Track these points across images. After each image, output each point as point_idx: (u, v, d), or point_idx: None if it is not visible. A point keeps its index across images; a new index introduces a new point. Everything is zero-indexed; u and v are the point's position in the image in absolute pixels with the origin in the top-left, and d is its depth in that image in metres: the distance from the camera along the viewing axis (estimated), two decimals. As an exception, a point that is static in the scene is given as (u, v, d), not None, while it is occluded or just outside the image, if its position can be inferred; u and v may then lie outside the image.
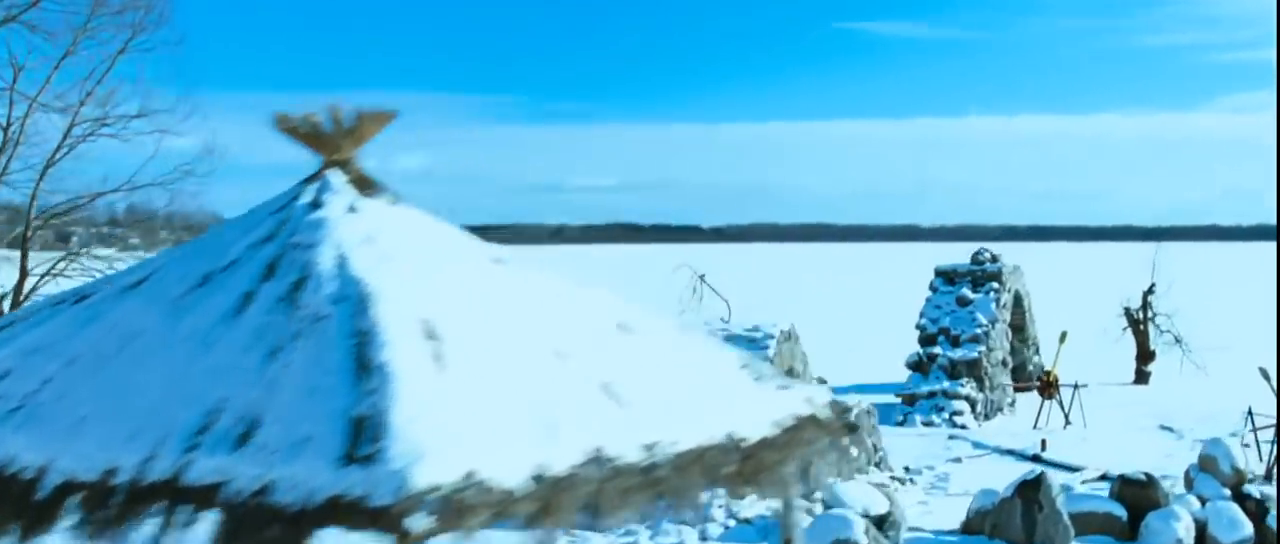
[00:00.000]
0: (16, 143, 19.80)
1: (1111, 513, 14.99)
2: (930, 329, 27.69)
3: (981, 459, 21.97)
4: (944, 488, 19.21)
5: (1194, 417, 25.74)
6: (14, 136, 19.80)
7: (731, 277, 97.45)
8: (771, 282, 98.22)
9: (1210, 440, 15.94)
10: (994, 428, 25.41)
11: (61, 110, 20.17)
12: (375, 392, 4.87)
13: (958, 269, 28.76)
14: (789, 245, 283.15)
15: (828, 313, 55.80)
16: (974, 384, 26.13)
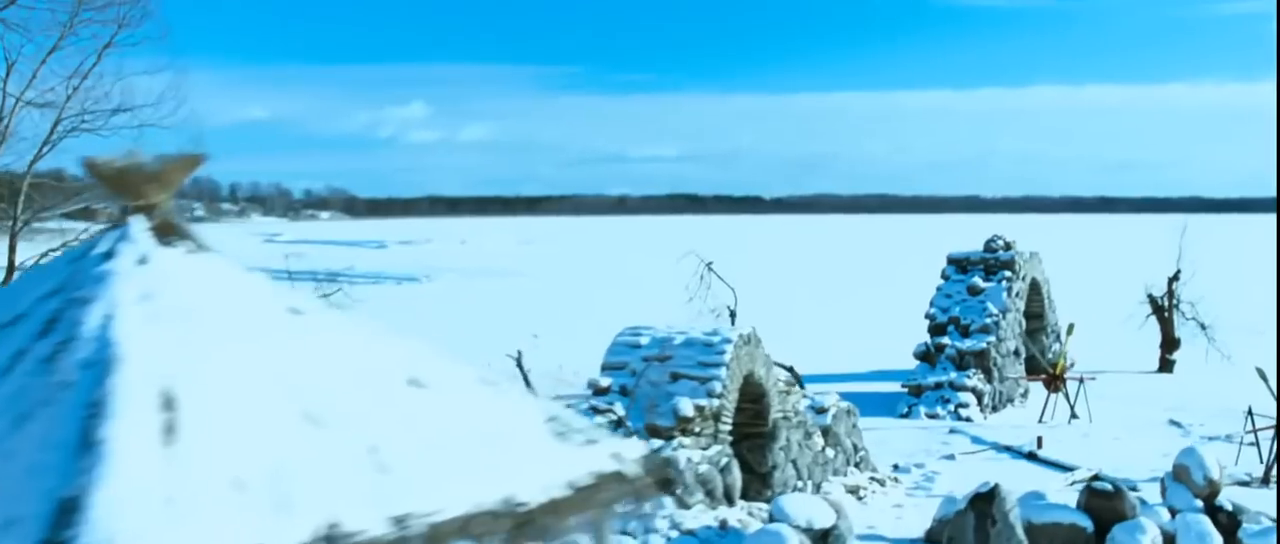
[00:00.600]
0: (3, 140, 19.94)
1: (1078, 524, 14.62)
2: (940, 318, 27.26)
3: (977, 455, 21.58)
4: (928, 489, 18.85)
5: (1208, 410, 25.16)
6: (1, 133, 19.94)
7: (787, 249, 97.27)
8: (820, 255, 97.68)
9: (1184, 451, 15.48)
10: (999, 421, 25.02)
11: (47, 106, 20.27)
12: (88, 470, 4.75)
13: (970, 257, 28.28)
14: (850, 217, 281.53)
15: (869, 291, 55.37)
16: (981, 376, 25.68)
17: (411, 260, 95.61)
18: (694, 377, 14.75)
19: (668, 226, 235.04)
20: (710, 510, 14.10)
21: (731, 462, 14.67)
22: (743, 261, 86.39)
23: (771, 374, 15.68)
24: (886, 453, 22.01)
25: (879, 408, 25.93)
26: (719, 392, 14.61)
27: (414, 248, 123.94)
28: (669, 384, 14.80)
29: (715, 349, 14.83)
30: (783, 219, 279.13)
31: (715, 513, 13.98)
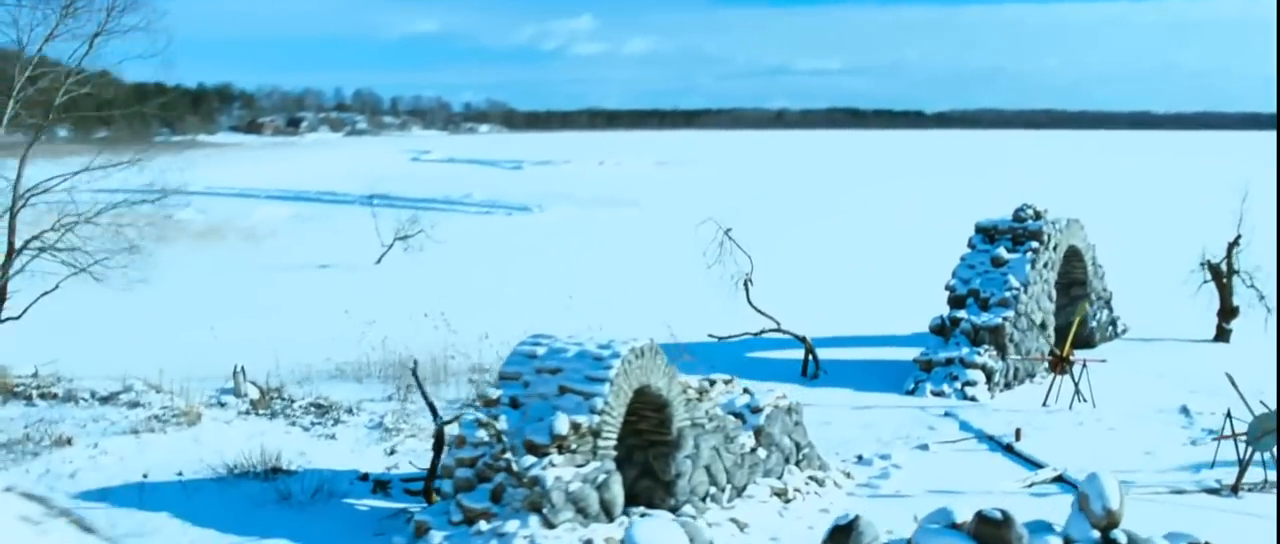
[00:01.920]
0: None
1: (961, 552, 14.31)
2: (960, 290, 26.62)
3: (954, 445, 21.18)
4: (876, 488, 18.66)
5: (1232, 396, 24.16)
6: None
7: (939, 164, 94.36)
8: (973, 170, 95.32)
9: (1088, 477, 14.95)
10: (1008, 400, 24.45)
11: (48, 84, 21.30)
12: None
13: (998, 225, 27.45)
14: (1013, 133, 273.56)
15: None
16: (994, 353, 25.05)
17: (538, 185, 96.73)
18: (579, 391, 14.85)
19: (823, 141, 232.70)
20: (582, 528, 14.27)
21: (611, 478, 14.77)
22: (894, 176, 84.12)
23: (674, 384, 15.66)
24: (867, 438, 21.82)
25: (901, 381, 25.63)
26: (601, 408, 14.68)
27: (549, 169, 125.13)
28: (557, 397, 14.94)
29: (603, 364, 14.89)
30: (944, 134, 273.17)
31: (582, 533, 14.14)
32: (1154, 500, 18.10)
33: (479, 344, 26.29)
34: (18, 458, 17.60)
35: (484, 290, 38.38)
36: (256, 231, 57.79)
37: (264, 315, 34.21)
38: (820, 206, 75.46)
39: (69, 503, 15.99)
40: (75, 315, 25.61)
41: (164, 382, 24.02)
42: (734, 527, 15.89)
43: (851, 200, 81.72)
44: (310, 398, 22.71)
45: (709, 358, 28.12)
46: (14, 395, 21.06)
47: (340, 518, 15.32)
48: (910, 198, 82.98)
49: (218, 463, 17.19)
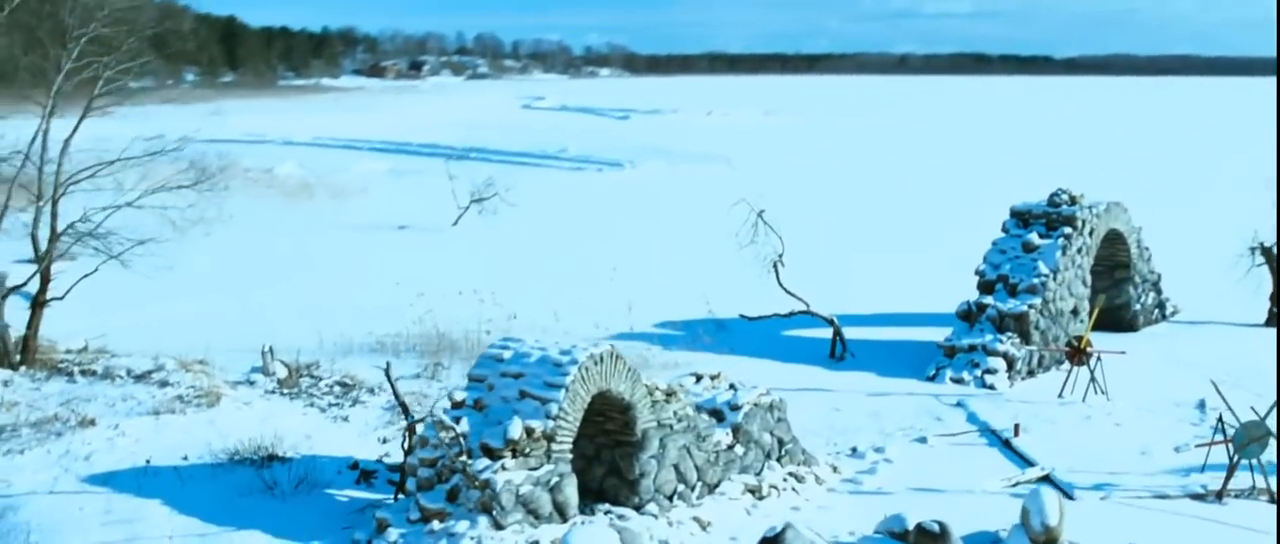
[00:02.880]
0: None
1: (897, 563, 14.72)
2: (990, 275, 26.57)
3: (954, 439, 21.37)
4: (858, 484, 19.00)
5: (1261, 388, 23.88)
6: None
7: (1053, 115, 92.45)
8: (1100, 118, 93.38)
9: (1030, 493, 15.21)
10: (1026, 389, 24.44)
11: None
12: None
13: (1032, 210, 27.27)
14: (1143, 79, 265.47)
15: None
16: (1017, 340, 25.03)
17: (639, 137, 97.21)
18: (537, 397, 15.48)
19: (942, 87, 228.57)
20: (531, 528, 14.95)
21: (564, 480, 15.39)
22: (999, 127, 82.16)
23: (638, 387, 16.18)
24: (871, 428, 22.08)
25: (927, 365, 25.75)
26: (555, 413, 15.29)
27: (655, 120, 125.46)
28: (517, 402, 15.59)
29: (562, 370, 15.47)
30: (1068, 81, 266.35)
31: (530, 534, 14.81)
32: (1134, 505, 18.15)
33: (508, 322, 27.11)
34: (43, 438, 18.86)
35: (540, 258, 39.17)
36: (348, 188, 59.34)
37: (323, 281, 35.46)
38: (903, 164, 74.61)
39: (81, 486, 17.25)
40: (133, 284, 26.90)
41: (208, 354, 25.34)
42: (696, 525, 16.40)
43: (936, 157, 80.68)
44: (337, 376, 23.70)
45: (744, 336, 28.61)
46: (57, 371, 22.40)
47: (317, 509, 16.21)
48: (1000, 153, 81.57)
49: (222, 448, 18.20)
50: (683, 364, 26.03)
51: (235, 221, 45.87)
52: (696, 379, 19.29)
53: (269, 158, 72.71)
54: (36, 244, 22.62)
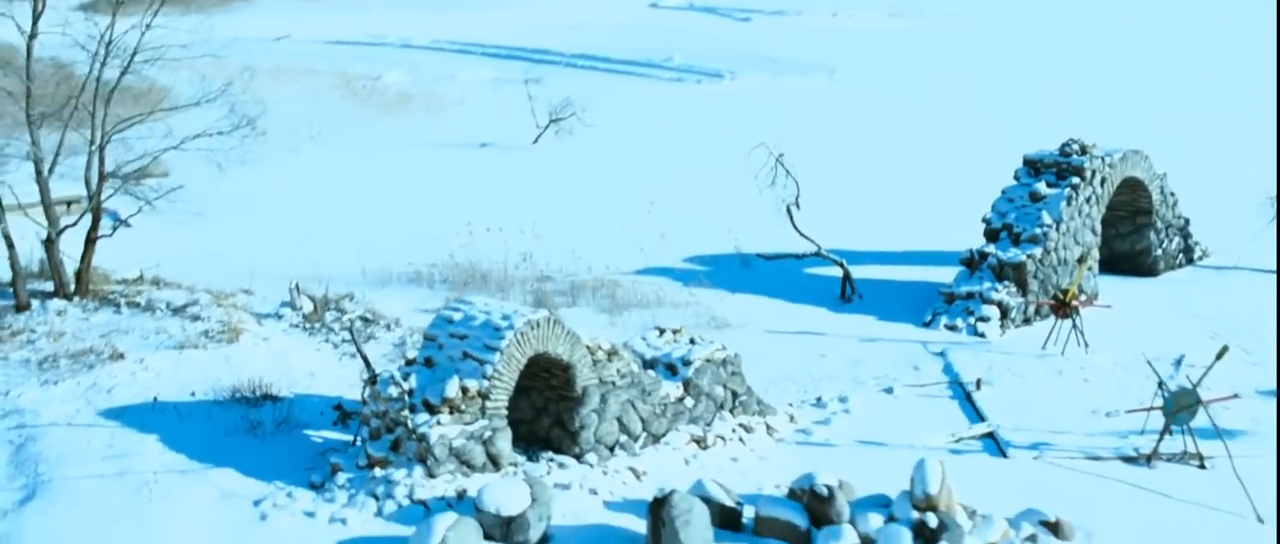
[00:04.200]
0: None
1: (794, 522, 16.04)
2: (995, 223, 27.17)
3: (919, 390, 22.34)
4: (810, 434, 20.21)
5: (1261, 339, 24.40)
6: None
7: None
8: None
9: (917, 463, 16.29)
10: (1015, 338, 25.15)
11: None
12: None
13: (1043, 159, 27.66)
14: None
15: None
16: (1013, 289, 25.73)
17: (752, 43, 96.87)
18: (476, 358, 17.07)
19: None
20: (463, 478, 16.64)
21: (498, 434, 17.00)
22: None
23: (578, 348, 17.63)
24: (846, 376, 23.13)
25: (925, 309, 26.61)
26: (490, 374, 16.87)
27: (777, 22, 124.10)
28: (460, 361, 17.22)
29: (499, 334, 17.00)
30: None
31: (461, 483, 16.51)
32: (1064, 465, 19.05)
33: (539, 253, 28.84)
34: (76, 370, 21.16)
35: (597, 184, 40.40)
36: (446, 100, 61.01)
37: (385, 205, 37.34)
38: (1004, 83, 73.35)
39: (95, 419, 19.48)
40: (200, 208, 29.04)
41: (253, 282, 27.51)
42: (632, 475, 17.90)
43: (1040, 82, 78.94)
44: (362, 310, 25.61)
45: (765, 275, 29.72)
46: (107, 302, 24.75)
47: (290, 450, 18.12)
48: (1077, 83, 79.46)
49: (227, 386, 20.22)
50: (694, 303, 27.37)
51: (322, 138, 48.25)
52: (660, 333, 20.64)
53: (381, 63, 74.71)
54: (88, 185, 24.83)
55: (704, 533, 15.43)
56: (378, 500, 16.21)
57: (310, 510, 16.21)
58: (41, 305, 24.28)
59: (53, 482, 17.28)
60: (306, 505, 16.33)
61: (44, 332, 23.07)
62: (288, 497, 16.54)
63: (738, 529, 16.41)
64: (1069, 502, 17.51)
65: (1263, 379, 22.65)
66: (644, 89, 68.12)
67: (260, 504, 16.44)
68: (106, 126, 24.27)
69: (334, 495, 16.42)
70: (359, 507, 16.16)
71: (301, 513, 16.16)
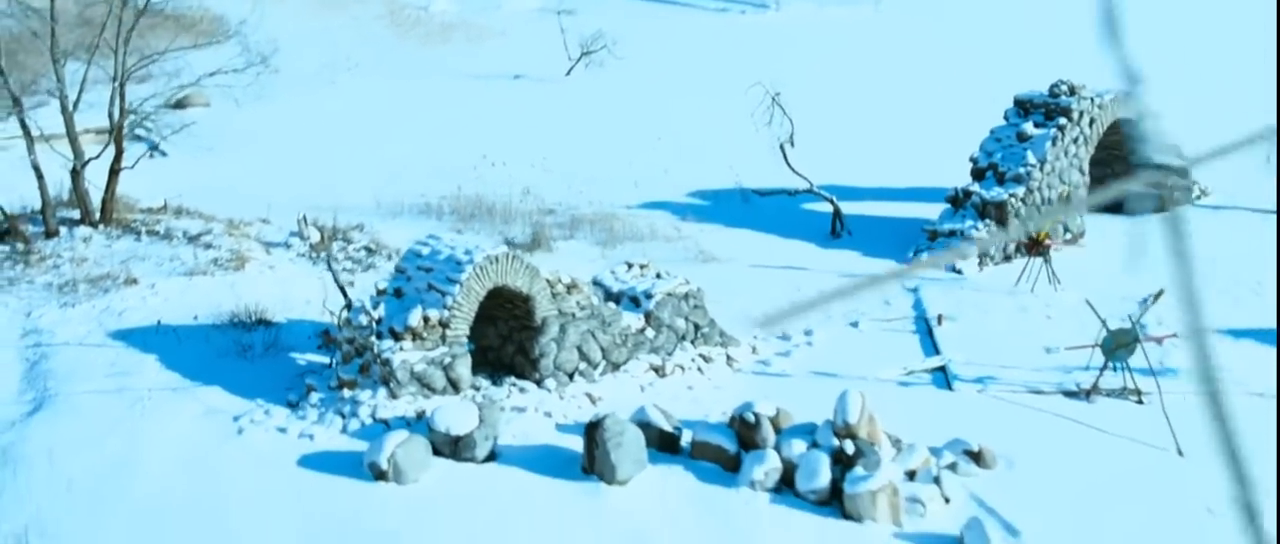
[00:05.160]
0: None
1: (724, 447, 17.26)
2: (982, 162, 27.90)
3: (887, 324, 23.33)
4: (768, 366, 21.35)
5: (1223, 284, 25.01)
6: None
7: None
8: None
9: (841, 393, 17.37)
10: (988, 278, 25.95)
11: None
12: None
13: (1033, 99, 28.26)
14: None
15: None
16: (993, 228, 26.54)
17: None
18: (439, 289, 18.39)
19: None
20: (424, 399, 18.03)
21: (458, 360, 18.35)
22: None
23: (537, 281, 18.87)
24: (818, 310, 24.15)
25: (907, 246, 27.52)
26: (450, 305, 18.19)
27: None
28: (425, 292, 18.55)
29: (460, 267, 18.29)
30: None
31: (421, 404, 17.90)
32: (1006, 398, 20.05)
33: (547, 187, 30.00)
34: (92, 295, 22.80)
35: (619, 118, 41.37)
36: (488, 31, 61.99)
37: (405, 137, 38.63)
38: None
39: (104, 340, 21.10)
40: (229, 137, 30.48)
41: (270, 212, 29.04)
42: (587, 400, 19.20)
43: None
44: (367, 240, 27.03)
45: (762, 211, 30.70)
46: (129, 230, 26.38)
47: (274, 372, 19.59)
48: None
49: (227, 311, 21.75)
50: (685, 237, 28.46)
51: (360, 69, 49.56)
52: (628, 267, 21.82)
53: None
54: (112, 119, 26.39)
55: (636, 454, 16.68)
56: (344, 418, 17.63)
57: (283, 426, 17.66)
58: (69, 232, 25.94)
59: (59, 396, 18.89)
60: (280, 422, 17.77)
61: (69, 257, 24.73)
62: (265, 413, 18.00)
63: (676, 452, 17.62)
64: (1002, 433, 18.52)
65: (1225, 318, 23.31)
66: (686, 20, 68.54)
67: (239, 420, 17.90)
68: (127, 64, 25.71)
69: (306, 413, 17.86)
70: (327, 424, 17.59)
71: (275, 429, 17.60)
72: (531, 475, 16.70)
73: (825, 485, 16.42)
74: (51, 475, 16.29)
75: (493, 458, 16.98)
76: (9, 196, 27.08)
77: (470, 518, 15.36)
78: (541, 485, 16.49)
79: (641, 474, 16.71)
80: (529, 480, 16.58)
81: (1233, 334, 22.45)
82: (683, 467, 17.16)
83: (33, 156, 25.60)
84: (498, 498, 15.99)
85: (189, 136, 28.13)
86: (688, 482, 16.83)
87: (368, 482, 16.03)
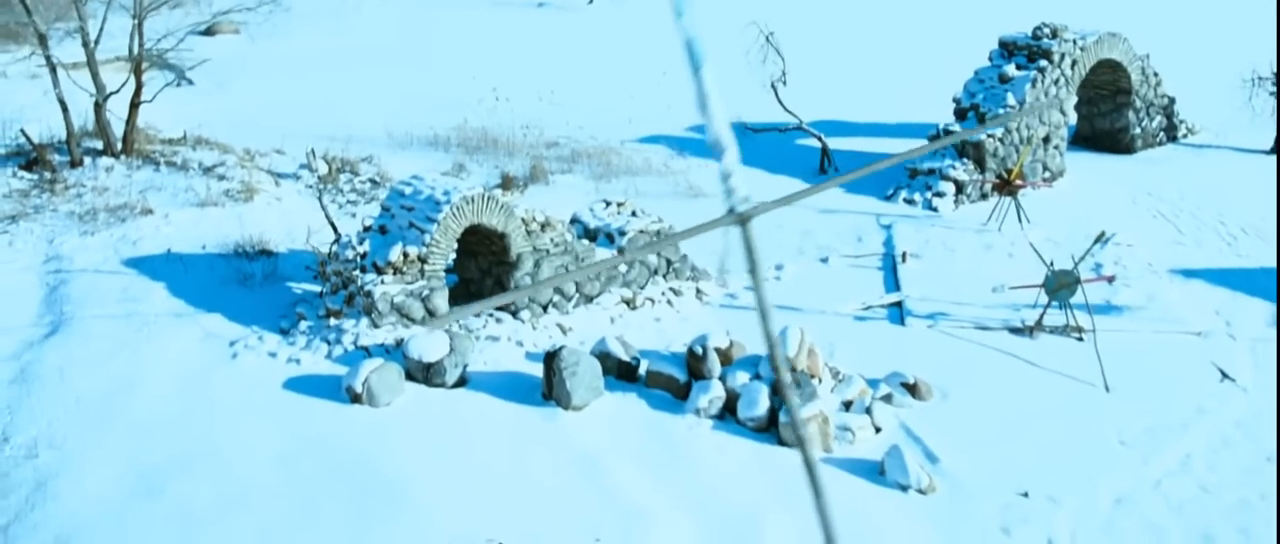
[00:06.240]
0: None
1: (675, 376, 18.67)
2: (965, 103, 28.86)
3: (856, 260, 24.57)
4: (735, 299, 22.69)
5: (1185, 223, 25.97)
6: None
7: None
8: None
9: (782, 329, 18.69)
10: (961, 215, 27.06)
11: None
12: None
13: (1017, 41, 29.10)
14: None
15: None
16: (972, 167, 27.58)
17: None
18: (419, 227, 19.85)
19: None
20: (403, 329, 19.57)
21: (435, 292, 19.83)
22: None
23: (512, 220, 20.28)
24: (793, 246, 25.40)
25: (888, 185, 28.63)
26: (428, 242, 19.65)
27: None
28: (406, 230, 20.02)
29: (439, 207, 19.72)
30: None
31: (401, 332, 19.45)
32: (954, 334, 21.29)
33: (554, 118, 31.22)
34: (110, 224, 24.45)
35: (623, 53, 42.36)
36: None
37: (422, 67, 39.91)
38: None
39: (118, 267, 22.77)
40: (252, 67, 31.85)
41: (284, 142, 30.55)
42: (559, 330, 20.66)
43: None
44: (373, 173, 28.51)
45: (760, 146, 31.84)
46: (149, 161, 28.00)
47: (270, 299, 21.17)
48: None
49: (232, 241, 23.33)
50: (676, 172, 29.71)
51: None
52: (606, 205, 23.14)
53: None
54: (131, 53, 27.91)
55: (592, 382, 18.12)
56: (329, 345, 19.20)
57: (274, 351, 19.24)
58: (92, 162, 27.60)
59: (73, 320, 20.59)
60: (272, 347, 19.36)
61: (91, 187, 26.38)
62: (258, 339, 19.59)
63: (633, 380, 19.06)
64: (943, 366, 19.81)
65: (1182, 258, 24.37)
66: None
67: (234, 345, 19.50)
68: (145, 2, 27.17)
69: (295, 340, 19.44)
70: (314, 350, 19.17)
71: (266, 354, 19.19)
72: (496, 400, 18.19)
73: (763, 414, 17.78)
74: (62, 392, 17.96)
75: (463, 383, 18.48)
76: (37, 127, 28.75)
77: (433, 438, 16.86)
78: (504, 409, 17.97)
79: (598, 401, 18.16)
80: (493, 405, 18.07)
81: (1184, 273, 23.51)
82: (637, 394, 18.60)
83: (58, 90, 27.16)
84: (461, 420, 17.49)
85: (212, 67, 29.56)
86: (640, 408, 18.25)
87: (344, 404, 17.58)
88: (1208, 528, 15.25)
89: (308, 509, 14.56)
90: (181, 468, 15.53)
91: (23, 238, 23.63)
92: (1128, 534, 15.17)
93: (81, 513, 14.51)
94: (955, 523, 15.44)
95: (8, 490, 15.29)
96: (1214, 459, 16.89)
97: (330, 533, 14.07)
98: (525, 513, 14.89)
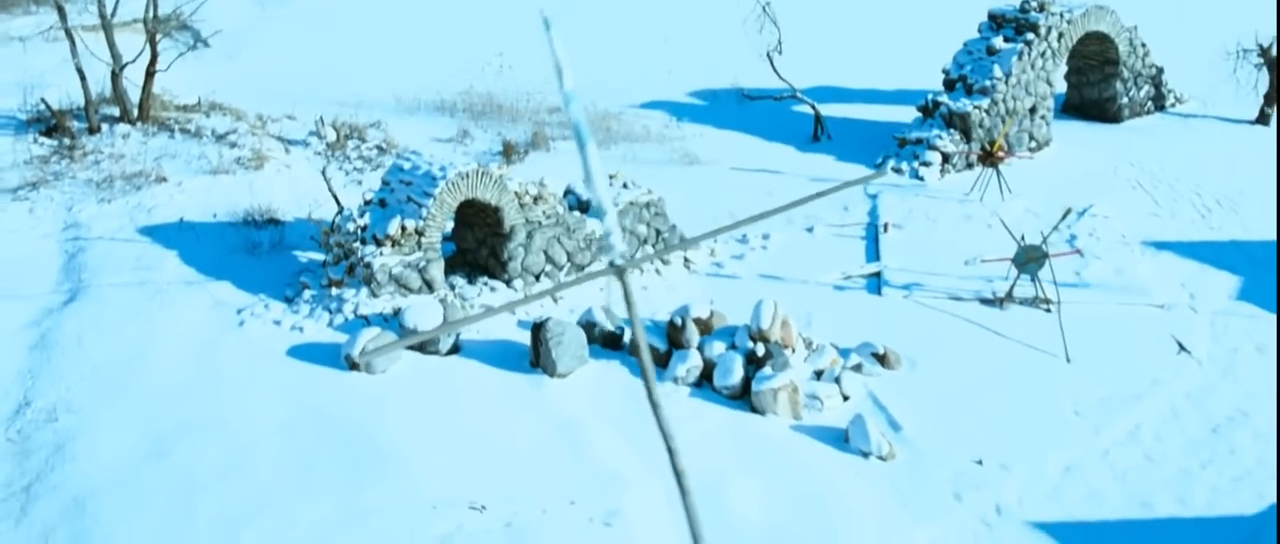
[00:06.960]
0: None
1: (655, 345, 19.74)
2: (954, 74, 29.63)
3: (841, 229, 25.48)
4: (722, 268, 23.71)
5: (1162, 194, 26.73)
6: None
7: None
8: None
9: (757, 303, 19.70)
10: (947, 185, 27.90)
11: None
12: None
13: (1005, 14, 29.80)
14: None
15: None
16: (959, 137, 28.41)
17: None
18: (417, 201, 20.90)
19: None
20: (401, 298, 20.68)
21: (432, 263, 20.91)
22: None
23: (505, 194, 21.30)
24: (782, 214, 26.34)
25: (877, 153, 29.50)
26: (424, 216, 20.72)
27: None
28: (404, 204, 21.08)
29: (434, 182, 20.75)
30: None
31: (399, 301, 20.56)
32: (927, 304, 22.24)
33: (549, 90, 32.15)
34: (126, 192, 25.58)
35: (634, 18, 43.07)
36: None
37: (433, 33, 40.73)
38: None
39: (133, 235, 23.92)
40: (270, 34, 32.82)
41: (296, 108, 31.57)
42: (550, 299, 21.74)
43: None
44: (380, 140, 29.53)
45: (757, 113, 32.72)
46: (164, 128, 29.08)
47: (276, 267, 22.29)
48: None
49: (242, 210, 24.43)
50: (674, 138, 30.63)
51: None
52: (610, 178, 24.13)
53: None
54: (147, 26, 28.95)
55: (577, 351, 19.20)
56: (331, 314, 20.33)
57: (278, 319, 20.38)
58: (110, 129, 28.70)
59: (91, 287, 21.76)
60: (277, 315, 20.49)
61: (108, 154, 27.50)
62: (264, 307, 20.72)
63: (617, 349, 20.13)
64: (914, 336, 20.76)
65: (1156, 230, 25.19)
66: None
67: (242, 313, 20.65)
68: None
69: (299, 308, 20.57)
70: (316, 318, 20.30)
71: (271, 321, 20.33)
72: (486, 367, 19.30)
73: (737, 382, 18.84)
74: (80, 358, 19.15)
75: (456, 351, 19.58)
76: (57, 94, 29.84)
77: (425, 404, 18.00)
78: (493, 376, 19.09)
79: (582, 368, 19.25)
80: (483, 372, 19.18)
81: (1156, 246, 24.35)
82: (619, 362, 19.68)
83: (76, 59, 28.21)
84: (453, 387, 18.62)
85: (225, 35, 30.54)
86: (621, 376, 19.33)
87: (343, 371, 18.72)
88: (1147, 496, 16.23)
89: (304, 473, 15.73)
90: (189, 433, 16.70)
91: (43, 205, 24.77)
92: (1071, 501, 16.17)
93: (96, 476, 15.71)
94: (911, 489, 16.46)
95: (30, 452, 16.50)
96: (1162, 429, 17.83)
97: (323, 495, 15.24)
98: (507, 477, 16.01)
